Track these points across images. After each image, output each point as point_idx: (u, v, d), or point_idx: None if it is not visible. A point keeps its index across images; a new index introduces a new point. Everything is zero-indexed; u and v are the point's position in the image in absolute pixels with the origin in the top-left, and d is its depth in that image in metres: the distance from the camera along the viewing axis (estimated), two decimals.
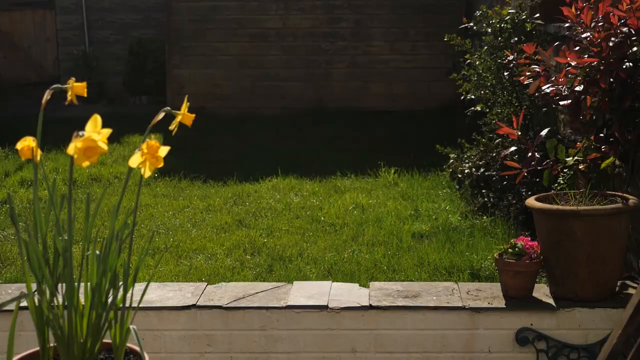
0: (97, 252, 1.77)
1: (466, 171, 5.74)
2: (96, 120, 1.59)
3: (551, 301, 3.27)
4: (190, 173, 6.84)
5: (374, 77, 10.38)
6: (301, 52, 10.38)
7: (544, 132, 3.69)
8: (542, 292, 3.35)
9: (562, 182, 3.71)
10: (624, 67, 3.26)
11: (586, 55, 3.38)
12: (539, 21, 5.46)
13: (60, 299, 1.75)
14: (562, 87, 3.46)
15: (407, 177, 6.70)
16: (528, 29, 5.50)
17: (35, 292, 1.72)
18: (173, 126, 1.97)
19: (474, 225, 5.13)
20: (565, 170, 3.64)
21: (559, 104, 3.56)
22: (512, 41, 5.41)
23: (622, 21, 3.29)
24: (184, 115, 1.97)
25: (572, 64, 3.38)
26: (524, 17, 5.59)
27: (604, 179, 3.58)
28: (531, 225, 3.73)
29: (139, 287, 1.92)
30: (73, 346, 1.74)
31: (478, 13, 5.95)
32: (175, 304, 3.28)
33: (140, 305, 1.93)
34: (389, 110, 9.85)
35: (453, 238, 4.86)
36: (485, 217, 5.24)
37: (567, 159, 3.54)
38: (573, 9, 3.46)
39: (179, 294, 3.38)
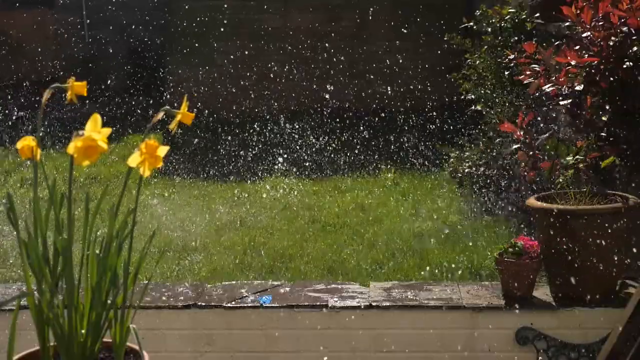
0: (97, 251, 1.77)
1: (466, 171, 5.74)
2: (96, 119, 1.58)
3: (551, 301, 3.27)
4: (190, 173, 6.85)
5: (373, 77, 10.37)
6: (301, 52, 10.38)
7: (544, 132, 3.69)
8: (542, 291, 3.35)
9: (562, 181, 3.71)
10: (624, 66, 3.26)
11: (586, 55, 3.37)
12: (539, 20, 5.46)
13: (60, 299, 1.75)
14: (562, 87, 3.45)
15: (407, 177, 6.70)
16: (528, 29, 5.50)
17: (35, 292, 1.72)
18: (173, 125, 1.96)
19: (474, 224, 5.13)
20: (565, 170, 3.63)
21: (559, 103, 3.56)
22: (512, 40, 5.40)
23: (622, 21, 3.29)
24: (184, 114, 1.95)
25: (572, 63, 3.38)
26: (524, 16, 5.58)
27: (604, 179, 3.58)
28: (531, 225, 3.73)
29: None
30: (73, 345, 1.74)
31: (478, 12, 5.95)
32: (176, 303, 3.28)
33: (141, 304, 1.93)
34: (388, 109, 9.85)
35: (453, 238, 4.86)
36: (485, 217, 5.24)
37: (568, 159, 3.54)
38: (573, 9, 3.46)
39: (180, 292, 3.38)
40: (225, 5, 10.36)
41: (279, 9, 10.37)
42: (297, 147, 8.06)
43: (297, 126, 9.19)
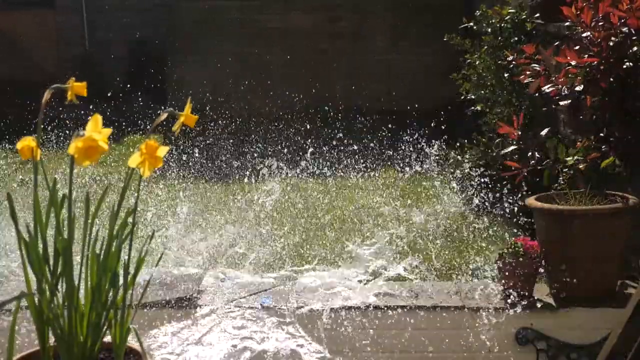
0: (97, 251, 1.77)
1: (466, 171, 5.74)
2: (97, 120, 1.59)
3: (551, 301, 3.27)
4: (191, 173, 6.84)
5: (373, 77, 10.37)
6: (301, 52, 10.38)
7: (544, 132, 3.69)
8: (542, 291, 3.35)
9: (562, 182, 3.71)
10: (624, 67, 3.26)
11: (586, 55, 3.37)
12: (539, 21, 5.46)
13: (60, 299, 1.75)
14: (562, 87, 3.45)
15: (406, 177, 6.70)
16: (528, 29, 5.50)
17: (36, 292, 1.72)
18: (176, 127, 1.95)
19: (474, 225, 5.13)
20: (565, 170, 3.63)
21: (559, 103, 3.56)
22: (512, 41, 5.40)
23: (622, 21, 3.29)
24: (187, 117, 1.95)
25: (572, 63, 3.37)
26: (524, 16, 5.58)
27: (604, 179, 3.58)
28: (531, 225, 3.73)
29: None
30: (73, 346, 1.74)
31: (478, 13, 5.94)
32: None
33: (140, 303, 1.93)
34: (388, 110, 9.85)
35: (453, 238, 4.86)
36: (485, 217, 5.24)
37: (567, 159, 3.54)
38: (573, 9, 3.46)
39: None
40: (226, 6, 10.37)
41: (278, 9, 10.38)
42: (297, 147, 8.06)
43: (297, 126, 9.18)
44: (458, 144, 6.18)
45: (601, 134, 3.49)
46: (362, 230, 5.19)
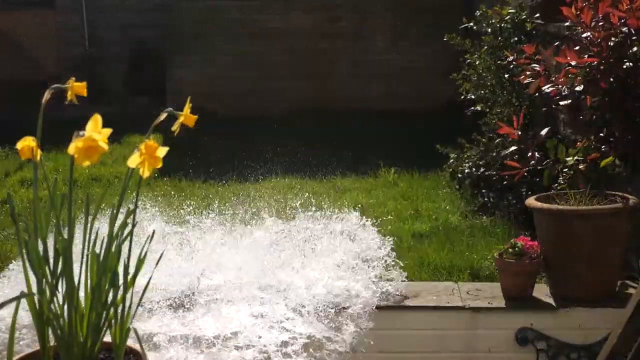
0: (97, 251, 1.77)
1: (466, 171, 5.73)
2: (97, 120, 1.59)
3: (551, 301, 3.27)
4: (190, 173, 6.84)
5: (373, 77, 10.37)
6: (301, 52, 10.38)
7: (544, 132, 3.69)
8: (542, 292, 3.35)
9: (562, 182, 3.71)
10: (624, 67, 3.26)
11: (586, 55, 3.37)
12: (539, 21, 5.46)
13: (60, 299, 1.75)
14: (562, 87, 3.46)
15: (407, 177, 6.70)
16: (528, 29, 5.50)
17: (36, 292, 1.72)
18: (175, 127, 1.96)
19: (474, 225, 5.12)
20: (565, 170, 3.64)
21: (559, 103, 3.56)
22: (512, 41, 5.40)
23: (622, 21, 3.29)
24: (186, 117, 1.96)
25: (572, 63, 3.38)
26: (524, 16, 5.58)
27: (604, 179, 3.59)
28: (531, 225, 3.73)
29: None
30: (73, 346, 1.74)
31: (478, 13, 5.94)
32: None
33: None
34: (388, 110, 9.84)
35: (453, 238, 4.85)
36: (485, 217, 5.24)
37: (567, 159, 3.54)
38: (573, 9, 3.46)
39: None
40: (226, 6, 10.36)
41: (278, 9, 10.37)
42: (297, 147, 8.06)
43: (297, 126, 9.18)
44: (458, 144, 6.17)
45: (601, 134, 3.49)
46: None
